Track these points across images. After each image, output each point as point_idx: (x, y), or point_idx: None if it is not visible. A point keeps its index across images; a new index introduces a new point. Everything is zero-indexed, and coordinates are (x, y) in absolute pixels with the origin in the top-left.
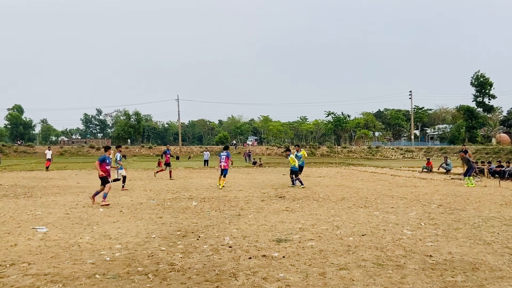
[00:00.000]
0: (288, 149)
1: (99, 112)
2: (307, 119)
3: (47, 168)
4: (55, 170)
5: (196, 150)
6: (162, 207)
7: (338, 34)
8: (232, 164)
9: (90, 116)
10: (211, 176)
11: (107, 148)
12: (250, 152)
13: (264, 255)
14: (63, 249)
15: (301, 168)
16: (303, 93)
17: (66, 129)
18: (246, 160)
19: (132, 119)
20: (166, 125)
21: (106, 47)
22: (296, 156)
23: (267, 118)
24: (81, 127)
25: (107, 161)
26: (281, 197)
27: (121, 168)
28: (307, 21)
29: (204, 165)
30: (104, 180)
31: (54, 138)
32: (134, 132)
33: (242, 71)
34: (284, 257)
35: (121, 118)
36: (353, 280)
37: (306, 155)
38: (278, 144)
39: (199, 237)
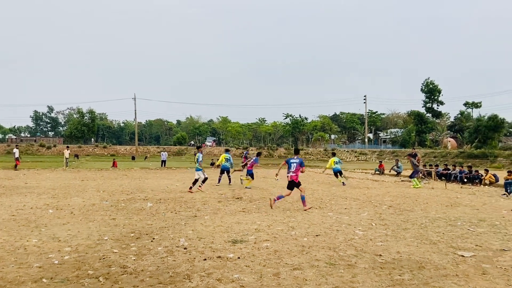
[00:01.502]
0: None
1: (51, 109)
2: (265, 121)
3: (15, 166)
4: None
5: (153, 150)
6: (116, 208)
7: (298, 36)
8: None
9: (41, 114)
10: (168, 177)
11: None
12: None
13: (219, 256)
14: (8, 252)
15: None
16: (263, 95)
17: (14, 127)
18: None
19: (86, 117)
20: (122, 124)
21: (59, 42)
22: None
23: (226, 119)
24: (31, 124)
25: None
26: (238, 198)
27: (200, 169)
28: (270, 22)
29: (162, 165)
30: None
31: (0, 136)
32: (88, 131)
33: (201, 71)
34: (239, 258)
35: (74, 116)
36: (306, 280)
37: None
38: (237, 145)
39: (154, 239)
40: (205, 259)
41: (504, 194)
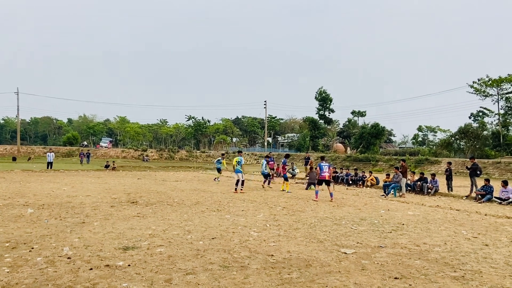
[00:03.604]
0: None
1: None
2: (167, 122)
3: None
4: None
5: (38, 151)
6: None
7: (202, 38)
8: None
9: None
10: (54, 180)
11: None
12: (89, 153)
13: (108, 265)
14: None
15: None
16: (164, 95)
17: None
18: (81, 161)
19: None
20: (1, 121)
21: None
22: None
23: (124, 119)
24: None
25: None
26: (133, 202)
27: (239, 171)
28: (175, 24)
29: (48, 167)
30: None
31: None
32: None
33: (98, 68)
34: (129, 265)
35: None
36: (199, 284)
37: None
38: (135, 147)
39: (33, 248)
40: (91, 269)
41: (383, 195)
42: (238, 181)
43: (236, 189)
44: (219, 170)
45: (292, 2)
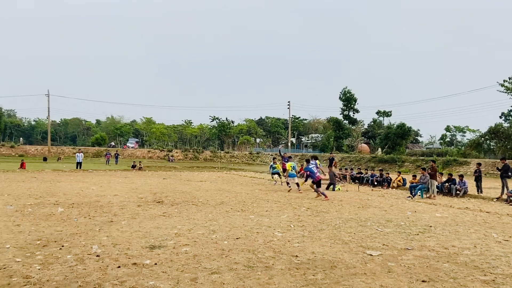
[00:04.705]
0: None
1: None
2: (192, 123)
3: None
4: None
5: (68, 151)
6: (21, 213)
7: (222, 36)
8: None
9: None
10: (83, 180)
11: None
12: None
13: (135, 263)
14: None
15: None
16: (190, 96)
17: None
18: (107, 162)
19: None
20: (33, 123)
21: None
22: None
23: (150, 120)
24: None
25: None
26: (159, 202)
27: (294, 176)
28: (195, 23)
29: (77, 167)
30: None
31: None
32: None
33: (125, 70)
34: (156, 264)
35: None
36: (224, 284)
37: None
38: (161, 147)
39: (63, 246)
40: (119, 267)
41: (409, 197)
42: (298, 184)
43: (290, 188)
44: (277, 174)
45: (316, 2)
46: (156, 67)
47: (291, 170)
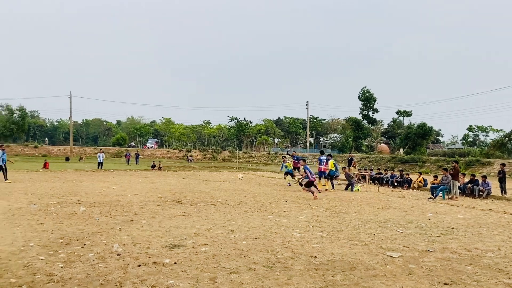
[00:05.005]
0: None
1: None
2: (210, 123)
3: None
4: None
5: (89, 151)
6: (45, 212)
7: (245, 41)
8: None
9: None
10: (104, 180)
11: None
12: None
13: (155, 262)
14: None
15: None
16: (208, 97)
17: None
18: (127, 162)
19: (15, 114)
20: (55, 123)
21: None
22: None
23: (169, 121)
24: None
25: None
26: (178, 201)
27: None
28: (210, 23)
29: (98, 167)
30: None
31: None
32: (18, 130)
33: (144, 71)
34: (175, 263)
35: (3, 113)
36: (243, 284)
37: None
38: (180, 148)
39: (85, 244)
40: (139, 265)
41: (430, 198)
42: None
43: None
44: (290, 174)
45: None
46: (173, 68)
47: (333, 168)
